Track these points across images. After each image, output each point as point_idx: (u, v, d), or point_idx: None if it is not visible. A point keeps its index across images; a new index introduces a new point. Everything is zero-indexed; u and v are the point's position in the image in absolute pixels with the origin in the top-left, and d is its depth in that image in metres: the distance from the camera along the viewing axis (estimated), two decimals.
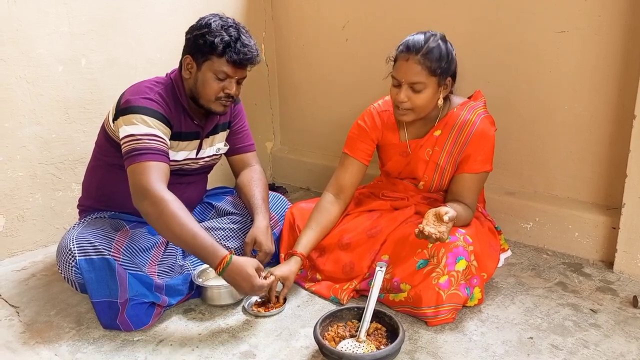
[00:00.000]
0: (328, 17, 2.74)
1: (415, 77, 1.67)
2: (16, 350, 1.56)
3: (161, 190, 1.57)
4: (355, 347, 1.45)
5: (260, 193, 1.94)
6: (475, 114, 1.79)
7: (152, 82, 1.77)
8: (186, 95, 1.77)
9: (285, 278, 1.73)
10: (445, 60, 1.68)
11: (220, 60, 1.66)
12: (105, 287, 1.58)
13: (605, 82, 1.97)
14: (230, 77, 1.70)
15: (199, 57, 1.69)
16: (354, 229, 1.86)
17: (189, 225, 1.55)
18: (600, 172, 2.06)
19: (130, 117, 1.65)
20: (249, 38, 1.70)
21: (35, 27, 2.08)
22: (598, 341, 1.53)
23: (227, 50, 1.65)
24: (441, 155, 1.82)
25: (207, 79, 1.70)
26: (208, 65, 1.68)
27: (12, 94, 2.07)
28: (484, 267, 1.72)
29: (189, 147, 1.84)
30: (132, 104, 1.67)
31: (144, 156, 1.61)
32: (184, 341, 1.58)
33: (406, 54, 1.68)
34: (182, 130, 1.79)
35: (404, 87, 1.69)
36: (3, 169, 2.10)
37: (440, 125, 1.82)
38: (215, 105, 1.74)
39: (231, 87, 1.71)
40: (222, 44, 1.64)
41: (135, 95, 1.70)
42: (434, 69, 1.66)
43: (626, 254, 1.91)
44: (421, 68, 1.66)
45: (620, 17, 1.89)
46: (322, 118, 2.94)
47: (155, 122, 1.67)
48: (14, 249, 2.18)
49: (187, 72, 1.73)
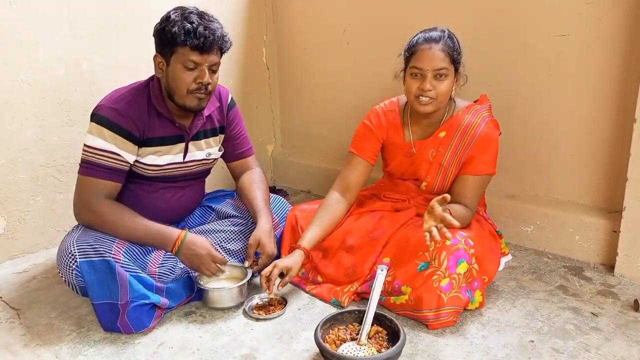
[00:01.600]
0: (329, 21, 2.74)
1: (441, 62, 1.72)
2: (17, 353, 1.56)
3: (99, 203, 1.69)
4: (356, 350, 1.45)
5: (262, 195, 1.93)
6: (480, 117, 1.80)
7: (129, 89, 1.76)
8: (163, 98, 1.76)
9: (288, 268, 1.73)
10: (459, 52, 1.77)
11: (184, 48, 1.63)
12: (106, 289, 1.58)
13: (606, 85, 1.97)
14: (198, 64, 1.66)
15: (166, 52, 1.67)
16: (357, 231, 1.86)
17: (137, 221, 1.70)
18: (601, 175, 2.06)
19: (93, 126, 1.70)
20: (212, 22, 1.66)
21: (37, 30, 2.08)
22: (599, 345, 1.53)
23: (188, 37, 1.61)
24: (445, 156, 1.83)
25: (177, 72, 1.66)
26: (175, 57, 1.66)
27: (14, 96, 2.07)
28: (485, 271, 1.72)
29: (174, 150, 1.82)
30: (98, 112, 1.71)
31: (94, 172, 1.69)
32: (185, 344, 1.58)
33: (427, 43, 1.74)
34: (159, 135, 1.77)
35: (429, 75, 1.73)
36: (5, 172, 2.10)
37: (445, 127, 1.84)
38: (189, 100, 1.70)
39: (203, 75, 1.67)
40: (182, 31, 1.61)
41: (105, 102, 1.72)
42: (454, 57, 1.75)
43: (627, 257, 1.91)
44: (444, 55, 1.73)
45: (621, 21, 1.89)
46: (323, 121, 2.94)
47: (113, 136, 1.68)
48: (15, 252, 2.18)
49: (159, 70, 1.72)
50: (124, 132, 1.69)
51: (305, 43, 2.89)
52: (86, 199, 1.70)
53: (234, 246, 1.91)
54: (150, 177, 1.82)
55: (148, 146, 1.76)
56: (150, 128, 1.75)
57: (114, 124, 1.68)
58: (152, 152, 1.77)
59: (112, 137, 1.68)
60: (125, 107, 1.70)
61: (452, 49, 1.74)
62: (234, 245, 1.91)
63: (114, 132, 1.68)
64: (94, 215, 1.69)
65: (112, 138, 1.68)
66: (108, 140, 1.67)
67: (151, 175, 1.81)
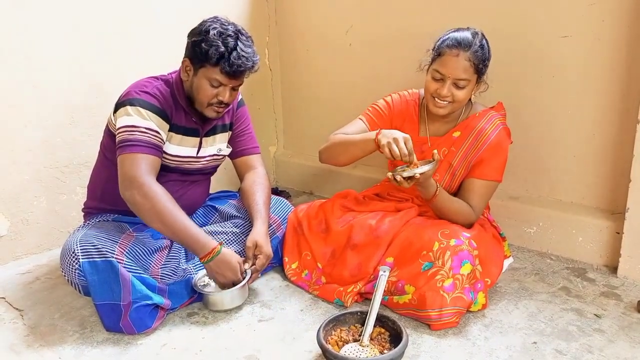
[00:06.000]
0: (331, 22, 2.74)
1: (463, 74, 1.70)
2: (20, 353, 1.56)
3: (151, 182, 1.64)
4: (359, 351, 1.45)
5: (261, 197, 1.93)
6: (494, 125, 1.81)
7: (152, 78, 1.81)
8: (185, 95, 1.79)
9: (406, 139, 1.69)
10: (487, 59, 1.74)
11: (214, 69, 1.66)
12: (108, 290, 1.59)
13: (609, 86, 1.97)
14: (223, 85, 1.71)
15: (195, 62, 1.70)
16: (360, 227, 1.85)
17: (181, 217, 1.65)
18: (604, 176, 2.06)
19: (127, 108, 1.70)
20: (247, 48, 1.68)
21: (40, 32, 2.09)
22: (602, 346, 1.53)
23: (221, 61, 1.64)
24: (456, 156, 1.83)
25: (201, 85, 1.71)
26: (203, 72, 1.69)
27: (18, 97, 2.08)
28: (488, 273, 1.72)
29: (190, 143, 1.86)
30: (129, 97, 1.73)
31: (135, 147, 1.66)
32: (187, 345, 1.58)
33: (456, 49, 1.69)
34: (183, 124, 1.81)
35: (448, 82, 1.71)
36: (8, 173, 2.11)
37: (460, 127, 1.84)
38: (208, 111, 1.76)
39: (224, 95, 1.72)
40: (216, 54, 1.63)
41: (134, 89, 1.75)
42: (480, 67, 1.72)
43: (630, 258, 1.90)
44: (469, 65, 1.69)
45: (624, 22, 1.89)
46: (325, 122, 2.94)
47: (150, 115, 1.70)
48: (19, 253, 2.19)
49: (185, 74, 1.75)
50: (159, 111, 1.72)
51: (307, 44, 2.90)
52: (133, 175, 1.63)
53: (234, 248, 1.91)
54: (166, 167, 1.83)
55: (174, 132, 1.79)
56: (176, 115, 1.79)
57: (148, 103, 1.71)
58: (172, 138, 1.80)
59: (150, 116, 1.70)
60: (155, 90, 1.75)
61: (480, 59, 1.70)
62: (235, 247, 1.91)
63: (150, 111, 1.71)
64: (142, 192, 1.62)
65: (150, 116, 1.70)
66: (146, 118, 1.69)
67: (169, 165, 1.83)
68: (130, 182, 1.63)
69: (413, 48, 1.90)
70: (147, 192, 1.62)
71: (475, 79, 1.75)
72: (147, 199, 1.62)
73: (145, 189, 1.62)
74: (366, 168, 2.72)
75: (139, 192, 1.62)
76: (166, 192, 1.66)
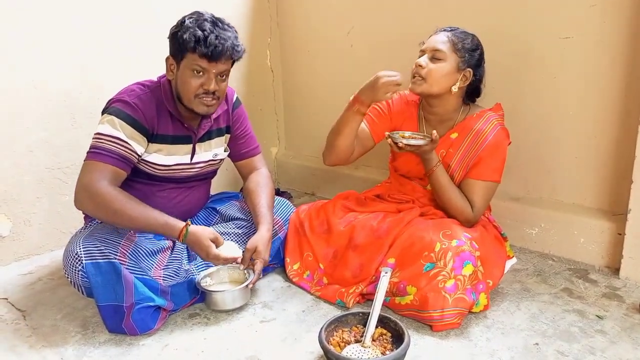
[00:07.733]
0: (333, 23, 2.75)
1: (440, 44, 1.78)
2: (22, 354, 1.56)
3: (103, 187, 1.62)
4: (360, 352, 1.45)
5: (265, 200, 1.93)
6: (491, 126, 1.81)
7: (138, 86, 1.78)
8: (173, 99, 1.78)
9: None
10: (471, 47, 1.80)
11: (194, 55, 1.65)
12: (111, 291, 1.59)
13: (610, 87, 1.97)
14: (206, 70, 1.67)
15: (177, 55, 1.69)
16: (362, 229, 1.85)
17: (142, 209, 1.64)
18: (605, 177, 2.06)
19: (104, 116, 1.72)
20: (225, 31, 1.66)
21: (42, 33, 2.10)
22: (604, 347, 1.52)
23: (198, 44, 1.62)
24: (454, 157, 1.83)
25: (185, 76, 1.69)
26: (185, 62, 1.68)
27: (20, 99, 2.08)
28: (490, 274, 1.72)
29: (181, 151, 1.83)
30: (109, 104, 1.74)
31: (98, 156, 1.66)
32: (189, 346, 1.58)
33: (439, 30, 1.83)
34: (170, 133, 1.79)
35: (427, 54, 1.79)
36: (10, 174, 2.11)
37: (458, 129, 1.85)
38: (196, 105, 1.72)
39: (209, 84, 1.68)
40: (193, 38, 1.62)
41: (116, 96, 1.75)
42: (459, 47, 1.78)
43: (632, 260, 1.90)
44: (447, 39, 1.78)
45: (625, 24, 1.89)
46: (326, 123, 2.91)
47: (122, 125, 1.69)
48: (21, 253, 2.19)
49: (170, 73, 1.74)
50: (134, 121, 1.70)
51: (309, 45, 2.90)
52: (87, 182, 1.62)
53: None
54: (158, 176, 1.83)
55: (159, 142, 1.77)
56: (161, 124, 1.77)
57: (124, 113, 1.70)
58: (158, 150, 1.78)
59: (122, 126, 1.69)
60: (136, 100, 1.72)
61: (460, 40, 1.78)
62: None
63: (123, 121, 1.69)
64: (94, 200, 1.62)
65: (122, 126, 1.69)
66: (117, 128, 1.68)
67: (159, 175, 1.82)
68: (83, 189, 1.64)
69: (414, 49, 1.90)
70: (97, 193, 1.61)
71: (456, 63, 1.78)
72: (97, 201, 1.62)
73: (94, 191, 1.61)
74: (367, 169, 2.72)
75: (89, 199, 1.63)
76: (121, 191, 1.65)
